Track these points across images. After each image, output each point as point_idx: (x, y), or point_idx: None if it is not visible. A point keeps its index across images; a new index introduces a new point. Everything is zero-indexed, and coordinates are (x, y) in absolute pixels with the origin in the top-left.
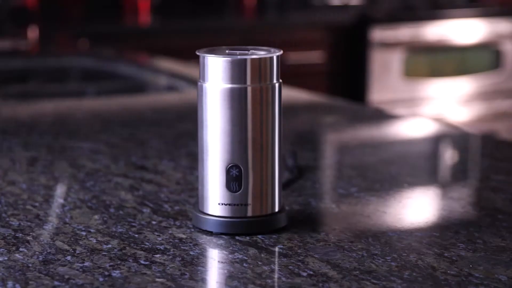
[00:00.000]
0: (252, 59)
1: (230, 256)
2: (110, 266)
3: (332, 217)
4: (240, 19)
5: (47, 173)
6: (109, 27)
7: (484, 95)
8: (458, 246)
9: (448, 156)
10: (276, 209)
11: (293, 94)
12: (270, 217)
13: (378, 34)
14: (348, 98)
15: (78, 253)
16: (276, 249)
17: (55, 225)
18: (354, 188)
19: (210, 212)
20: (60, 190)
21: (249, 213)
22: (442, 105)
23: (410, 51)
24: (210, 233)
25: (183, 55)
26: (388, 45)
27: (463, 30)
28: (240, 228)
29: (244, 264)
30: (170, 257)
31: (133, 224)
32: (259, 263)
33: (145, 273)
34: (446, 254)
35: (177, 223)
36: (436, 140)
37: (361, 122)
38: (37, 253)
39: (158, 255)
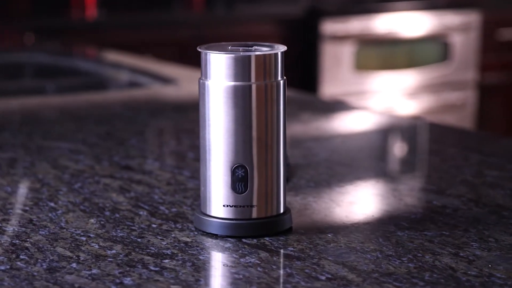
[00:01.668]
0: (257, 56)
1: (242, 260)
2: (119, 273)
3: (335, 216)
4: (188, 13)
5: (30, 175)
6: (55, 21)
7: (433, 87)
8: (471, 245)
9: (436, 151)
10: (281, 210)
11: None
12: (277, 219)
13: (329, 27)
14: (300, 91)
15: (82, 260)
16: (288, 251)
17: (51, 230)
18: (351, 186)
19: (214, 214)
20: (48, 193)
21: (254, 215)
22: (392, 98)
23: (361, 44)
24: (214, 236)
25: (132, 48)
26: (339, 38)
27: (412, 23)
28: (247, 230)
29: (258, 268)
30: (180, 262)
31: (133, 227)
32: (273, 266)
33: (158, 280)
34: (461, 254)
35: (178, 225)
36: (418, 135)
37: (334, 116)
38: (39, 260)
39: (166, 260)
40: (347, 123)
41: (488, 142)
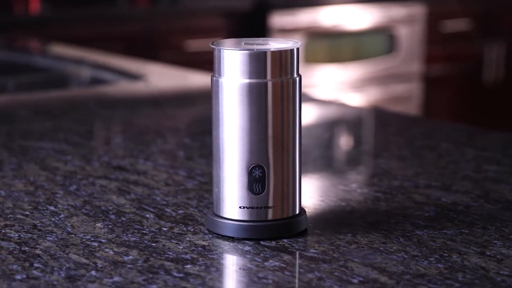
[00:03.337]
0: (273, 52)
1: (266, 263)
2: (143, 280)
3: (348, 216)
4: (133, 7)
5: (21, 177)
6: None
7: (379, 80)
8: (494, 243)
9: (430, 146)
10: (297, 211)
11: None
12: (294, 220)
13: (277, 20)
14: None
15: (101, 267)
16: (311, 254)
17: (59, 235)
18: (354, 184)
19: (229, 216)
20: (45, 196)
21: (270, 216)
22: (339, 90)
23: (309, 37)
24: (231, 239)
25: (77, 43)
26: (288, 31)
27: (357, 16)
28: (264, 233)
29: (286, 272)
30: (203, 267)
31: (144, 231)
32: (301, 270)
33: (185, 287)
34: (488, 253)
35: (190, 228)
36: (407, 130)
37: (307, 109)
38: (55, 268)
39: (188, 266)
40: (325, 117)
41: (478, 136)
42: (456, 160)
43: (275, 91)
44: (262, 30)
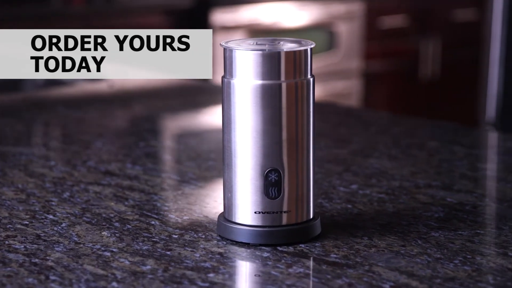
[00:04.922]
0: (287, 52)
1: (290, 270)
2: None
3: (358, 219)
4: (68, 5)
5: (8, 185)
6: None
7: (319, 77)
8: None
9: (418, 145)
10: (311, 215)
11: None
12: (309, 224)
13: (218, 17)
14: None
15: (121, 278)
16: (332, 259)
17: (67, 246)
18: (354, 185)
19: (243, 222)
20: (39, 204)
21: (285, 221)
22: None
23: (251, 34)
24: (246, 245)
25: None
26: (229, 29)
27: (298, 12)
28: (280, 238)
29: (313, 279)
30: (226, 276)
31: (154, 239)
32: (328, 276)
33: None
34: (510, 254)
35: (201, 235)
36: (393, 127)
37: None
38: (73, 281)
39: (211, 275)
40: None
41: (462, 133)
42: (448, 159)
43: (289, 92)
44: (203, 28)
